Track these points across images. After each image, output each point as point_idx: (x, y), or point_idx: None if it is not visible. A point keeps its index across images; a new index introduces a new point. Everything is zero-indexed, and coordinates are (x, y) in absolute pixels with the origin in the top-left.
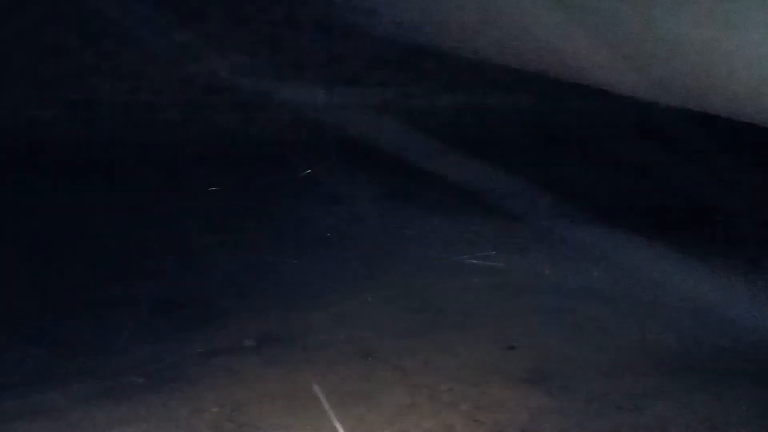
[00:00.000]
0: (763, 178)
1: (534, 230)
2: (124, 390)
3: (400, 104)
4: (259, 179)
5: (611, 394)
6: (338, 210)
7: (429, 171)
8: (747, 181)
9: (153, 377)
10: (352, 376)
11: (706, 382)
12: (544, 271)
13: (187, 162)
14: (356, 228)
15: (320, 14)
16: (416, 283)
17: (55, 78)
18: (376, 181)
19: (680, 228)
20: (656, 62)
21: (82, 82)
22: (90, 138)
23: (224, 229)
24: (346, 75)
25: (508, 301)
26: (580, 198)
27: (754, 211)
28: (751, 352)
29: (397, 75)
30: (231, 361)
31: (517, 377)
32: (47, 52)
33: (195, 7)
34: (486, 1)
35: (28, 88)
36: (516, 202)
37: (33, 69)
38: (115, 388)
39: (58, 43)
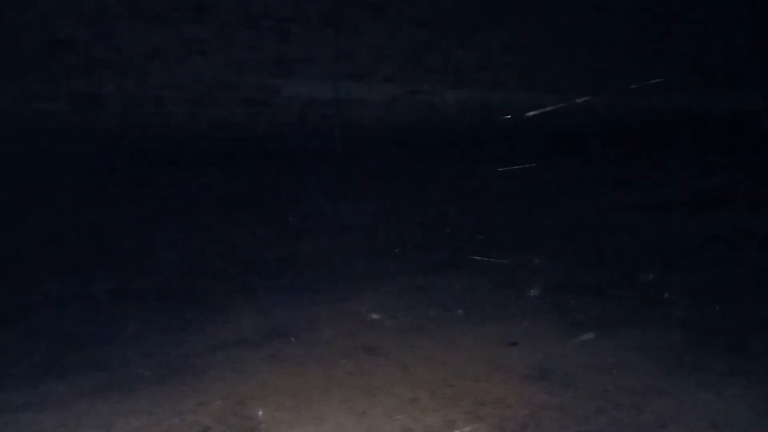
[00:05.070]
0: None
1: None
2: (129, 382)
3: (406, 100)
4: (265, 174)
5: (611, 391)
6: (343, 205)
7: (432, 164)
8: None
9: (158, 370)
10: (354, 372)
11: (706, 380)
12: (547, 268)
13: (193, 156)
14: (360, 223)
15: (327, 10)
16: (419, 279)
17: (62, 71)
18: (382, 176)
19: None
20: None
21: (89, 76)
22: (96, 131)
23: (229, 224)
24: (353, 70)
25: (510, 297)
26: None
27: None
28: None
29: (403, 71)
30: (235, 355)
31: (518, 374)
32: (55, 46)
33: (202, 2)
34: None
35: (36, 81)
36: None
37: (41, 62)
38: (120, 380)
39: (66, 37)
